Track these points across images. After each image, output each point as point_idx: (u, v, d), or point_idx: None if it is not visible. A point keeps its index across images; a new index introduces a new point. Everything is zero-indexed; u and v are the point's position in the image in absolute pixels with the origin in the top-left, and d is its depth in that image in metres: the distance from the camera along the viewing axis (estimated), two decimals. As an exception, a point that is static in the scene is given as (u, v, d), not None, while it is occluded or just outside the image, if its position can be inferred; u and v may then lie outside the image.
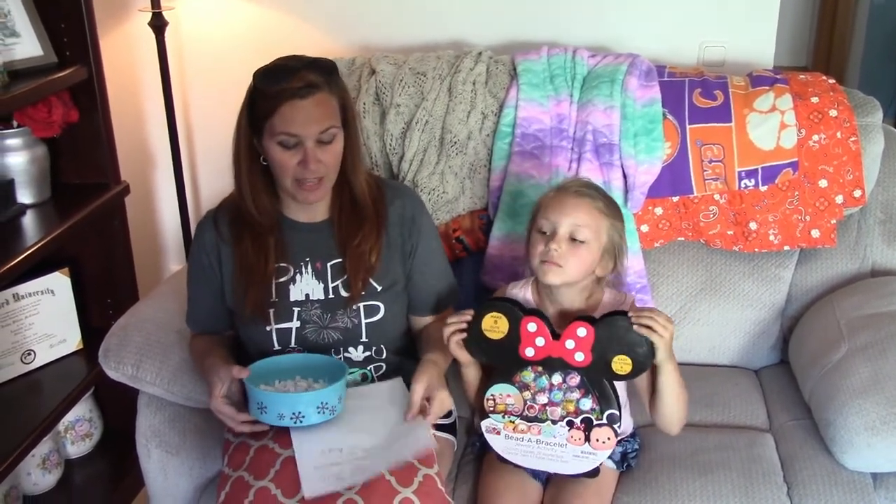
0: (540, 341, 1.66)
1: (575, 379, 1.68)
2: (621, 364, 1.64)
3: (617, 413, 1.69)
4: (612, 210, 1.76)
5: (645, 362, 1.64)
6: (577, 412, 1.70)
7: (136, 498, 2.47)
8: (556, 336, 1.66)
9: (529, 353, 1.68)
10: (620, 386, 1.75)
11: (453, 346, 1.71)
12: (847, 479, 1.78)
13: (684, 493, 1.77)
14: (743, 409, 2.04)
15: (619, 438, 1.81)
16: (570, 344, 1.65)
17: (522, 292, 1.84)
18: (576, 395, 1.69)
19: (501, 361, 1.72)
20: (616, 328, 1.63)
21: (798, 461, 1.84)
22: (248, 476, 1.58)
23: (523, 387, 1.71)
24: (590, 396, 1.68)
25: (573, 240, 1.71)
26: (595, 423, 1.69)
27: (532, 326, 1.66)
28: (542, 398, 1.71)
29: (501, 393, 1.72)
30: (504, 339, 1.68)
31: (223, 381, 1.65)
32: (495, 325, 1.67)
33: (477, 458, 1.89)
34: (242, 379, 1.64)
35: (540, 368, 1.69)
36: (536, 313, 1.68)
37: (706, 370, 2.19)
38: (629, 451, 1.85)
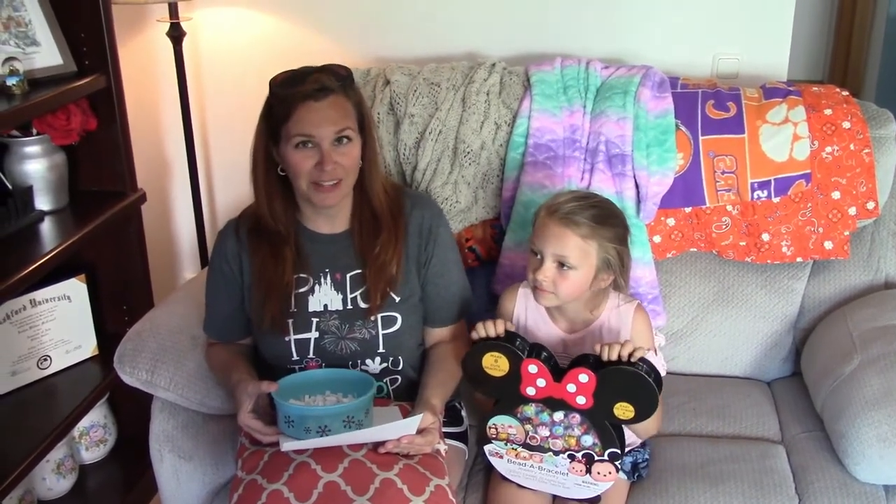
0: (541, 382, 1.64)
1: (576, 418, 1.67)
2: (623, 410, 1.61)
3: (618, 451, 1.67)
4: (602, 229, 1.72)
5: (648, 410, 1.61)
6: (579, 447, 1.69)
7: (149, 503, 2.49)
8: (557, 378, 1.63)
9: (530, 392, 1.66)
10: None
11: None
12: (859, 491, 1.77)
13: (695, 504, 1.77)
14: (755, 420, 2.04)
15: (628, 449, 1.82)
16: (571, 388, 1.63)
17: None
18: (577, 431, 1.68)
19: (502, 396, 1.71)
20: (620, 376, 1.59)
21: (810, 473, 1.83)
22: (261, 479, 1.59)
23: (525, 420, 1.71)
24: (591, 433, 1.67)
25: (562, 265, 1.71)
26: (597, 458, 1.69)
27: (533, 368, 1.64)
28: (544, 431, 1.70)
29: (503, 424, 1.73)
30: (505, 377, 1.66)
31: (251, 397, 1.65)
32: (496, 364, 1.66)
33: (487, 467, 1.89)
34: (271, 393, 1.65)
35: (542, 405, 1.68)
36: (538, 353, 1.65)
37: (718, 381, 2.19)
38: (640, 461, 1.85)
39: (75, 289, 2.34)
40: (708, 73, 2.54)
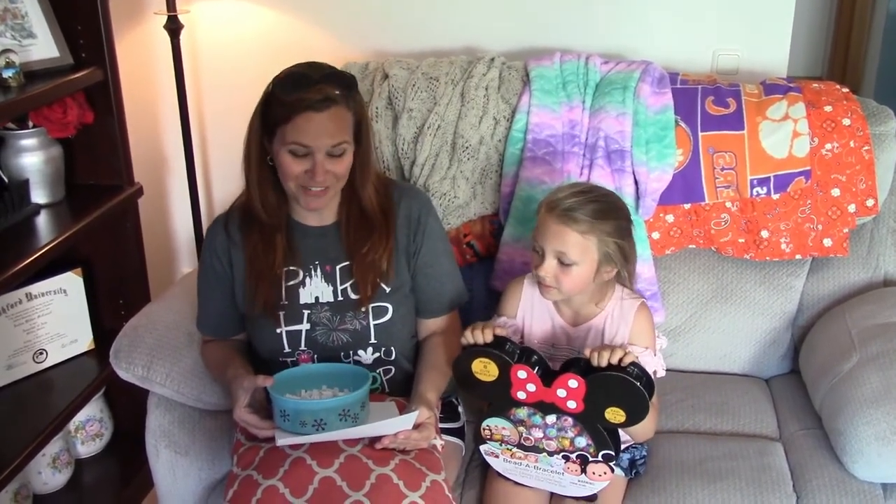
0: (531, 387, 1.64)
1: (569, 420, 1.66)
2: (615, 414, 1.61)
3: (612, 453, 1.67)
4: (601, 223, 1.71)
5: (639, 414, 1.60)
6: (573, 448, 1.69)
7: (145, 498, 2.48)
8: (547, 383, 1.62)
9: (521, 396, 1.66)
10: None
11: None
12: (857, 489, 1.77)
13: (692, 501, 1.77)
14: (753, 417, 2.03)
15: (625, 446, 1.81)
16: (561, 392, 1.62)
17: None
18: (571, 433, 1.68)
19: (493, 400, 1.71)
20: (609, 381, 1.58)
21: (808, 471, 1.83)
22: (256, 475, 1.58)
23: (518, 422, 1.70)
24: (585, 435, 1.67)
25: (562, 261, 1.71)
26: (591, 459, 1.69)
27: (522, 374, 1.63)
28: (538, 433, 1.70)
29: (497, 425, 1.72)
30: (495, 382, 1.66)
31: (247, 391, 1.65)
32: (485, 370, 1.66)
33: (484, 463, 1.89)
34: (266, 387, 1.64)
35: (534, 408, 1.68)
36: (527, 358, 1.64)
37: (717, 378, 2.19)
38: (637, 457, 1.85)
39: (71, 283, 2.34)
40: (708, 68, 2.53)
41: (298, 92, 1.65)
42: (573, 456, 1.69)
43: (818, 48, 5.48)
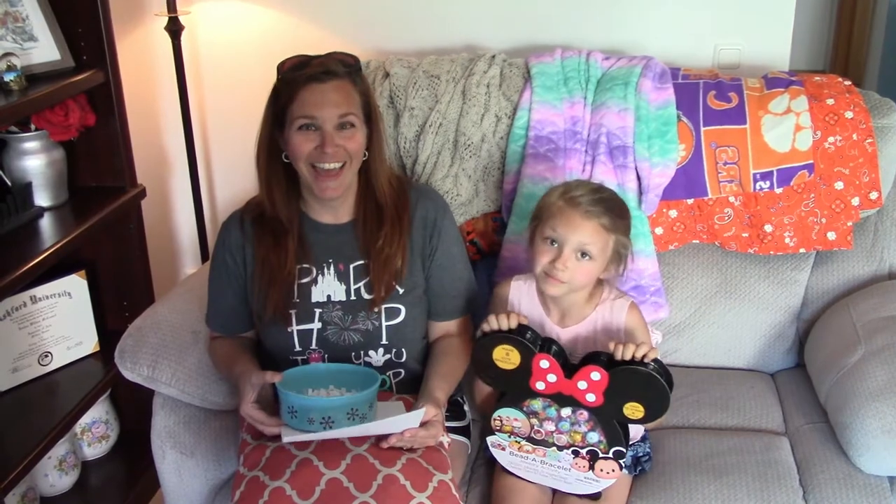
0: (551, 378, 1.64)
1: (584, 415, 1.66)
2: (633, 410, 1.61)
3: (623, 450, 1.67)
4: (617, 221, 1.72)
5: (658, 411, 1.61)
6: (584, 444, 1.69)
7: (151, 499, 2.48)
8: (568, 375, 1.63)
9: (540, 386, 1.66)
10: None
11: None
12: (864, 482, 1.76)
13: (699, 497, 1.77)
14: (759, 412, 2.03)
15: (629, 444, 1.81)
16: (582, 385, 1.62)
17: (528, 286, 1.84)
18: (583, 428, 1.68)
19: (510, 390, 1.71)
20: (632, 376, 1.58)
21: (814, 465, 1.83)
22: (263, 476, 1.58)
23: (531, 413, 1.70)
24: (597, 430, 1.67)
25: (583, 255, 1.71)
26: (601, 455, 1.69)
27: (544, 364, 1.63)
28: (550, 425, 1.70)
29: (509, 416, 1.72)
30: (515, 371, 1.66)
31: (255, 387, 1.65)
32: (507, 357, 1.65)
33: (490, 461, 1.89)
34: (275, 383, 1.64)
35: (550, 400, 1.68)
36: (550, 348, 1.64)
37: (722, 373, 2.18)
38: (641, 454, 1.85)
39: (76, 285, 2.34)
40: (709, 63, 2.52)
41: (300, 69, 1.69)
42: (583, 451, 1.69)
43: (820, 41, 5.47)
